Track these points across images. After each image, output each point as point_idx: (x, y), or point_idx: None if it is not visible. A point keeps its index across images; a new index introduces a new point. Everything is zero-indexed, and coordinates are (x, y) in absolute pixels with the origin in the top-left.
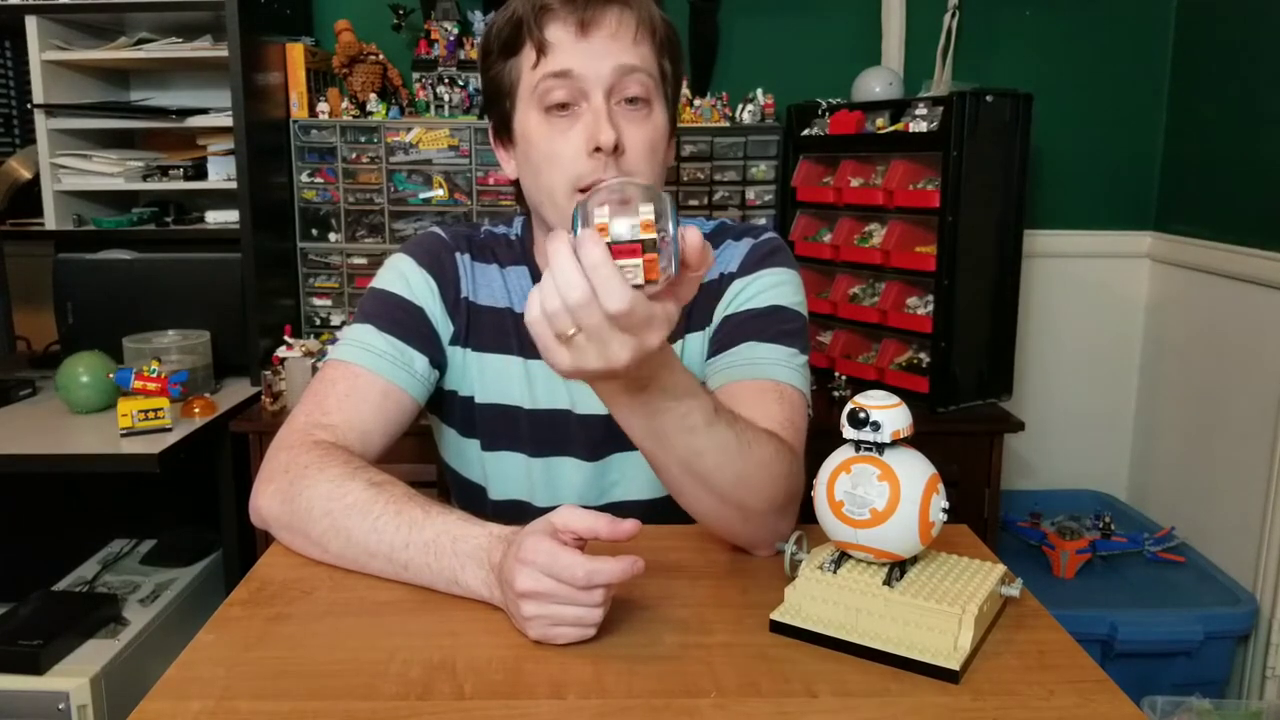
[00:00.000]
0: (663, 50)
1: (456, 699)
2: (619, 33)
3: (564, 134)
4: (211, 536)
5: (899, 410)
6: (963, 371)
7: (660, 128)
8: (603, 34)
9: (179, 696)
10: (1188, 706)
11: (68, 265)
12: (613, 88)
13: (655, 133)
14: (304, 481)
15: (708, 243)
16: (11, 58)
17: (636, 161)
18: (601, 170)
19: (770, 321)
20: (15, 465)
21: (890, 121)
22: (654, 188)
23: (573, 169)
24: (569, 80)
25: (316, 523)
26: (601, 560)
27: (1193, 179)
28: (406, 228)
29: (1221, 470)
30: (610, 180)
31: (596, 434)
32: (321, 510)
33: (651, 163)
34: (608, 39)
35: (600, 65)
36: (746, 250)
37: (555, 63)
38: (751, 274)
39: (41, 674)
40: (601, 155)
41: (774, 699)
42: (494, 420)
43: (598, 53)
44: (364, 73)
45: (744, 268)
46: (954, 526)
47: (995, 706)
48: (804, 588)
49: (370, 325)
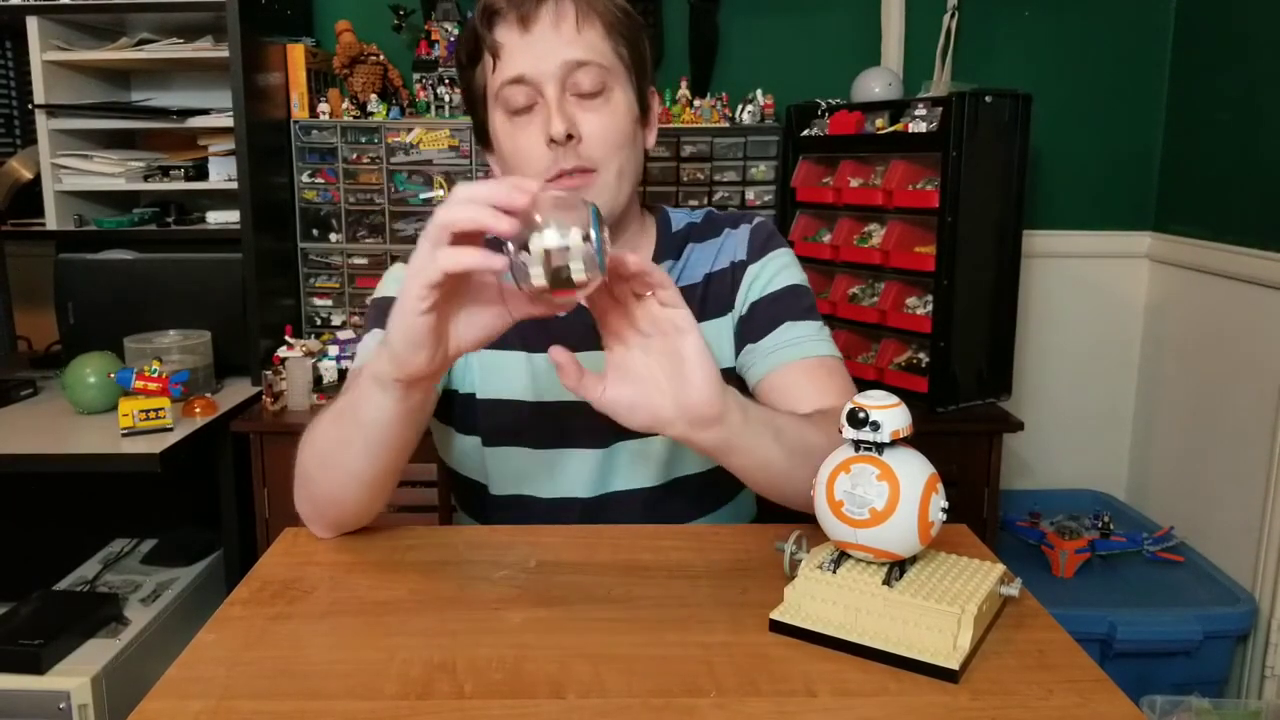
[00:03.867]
0: (614, 33)
1: (456, 698)
2: (559, 25)
3: (525, 130)
4: (212, 536)
5: (898, 410)
6: (962, 371)
7: (622, 111)
8: (544, 27)
9: (180, 696)
10: (1187, 706)
11: (69, 265)
12: (564, 81)
13: (615, 117)
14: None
15: (645, 264)
16: (13, 58)
17: (595, 147)
18: (562, 159)
19: (794, 300)
20: (16, 465)
21: (890, 122)
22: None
23: (538, 163)
24: (523, 84)
25: (308, 459)
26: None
27: (1192, 179)
28: (407, 228)
29: (1220, 470)
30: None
31: (604, 422)
32: (307, 442)
33: (613, 146)
34: (550, 32)
35: (546, 63)
36: (748, 236)
37: (508, 68)
38: (762, 258)
39: (42, 673)
40: (558, 146)
41: (773, 698)
42: (496, 415)
43: (542, 50)
44: (364, 73)
45: (753, 253)
46: (953, 526)
47: (994, 706)
48: (803, 587)
49: (380, 331)
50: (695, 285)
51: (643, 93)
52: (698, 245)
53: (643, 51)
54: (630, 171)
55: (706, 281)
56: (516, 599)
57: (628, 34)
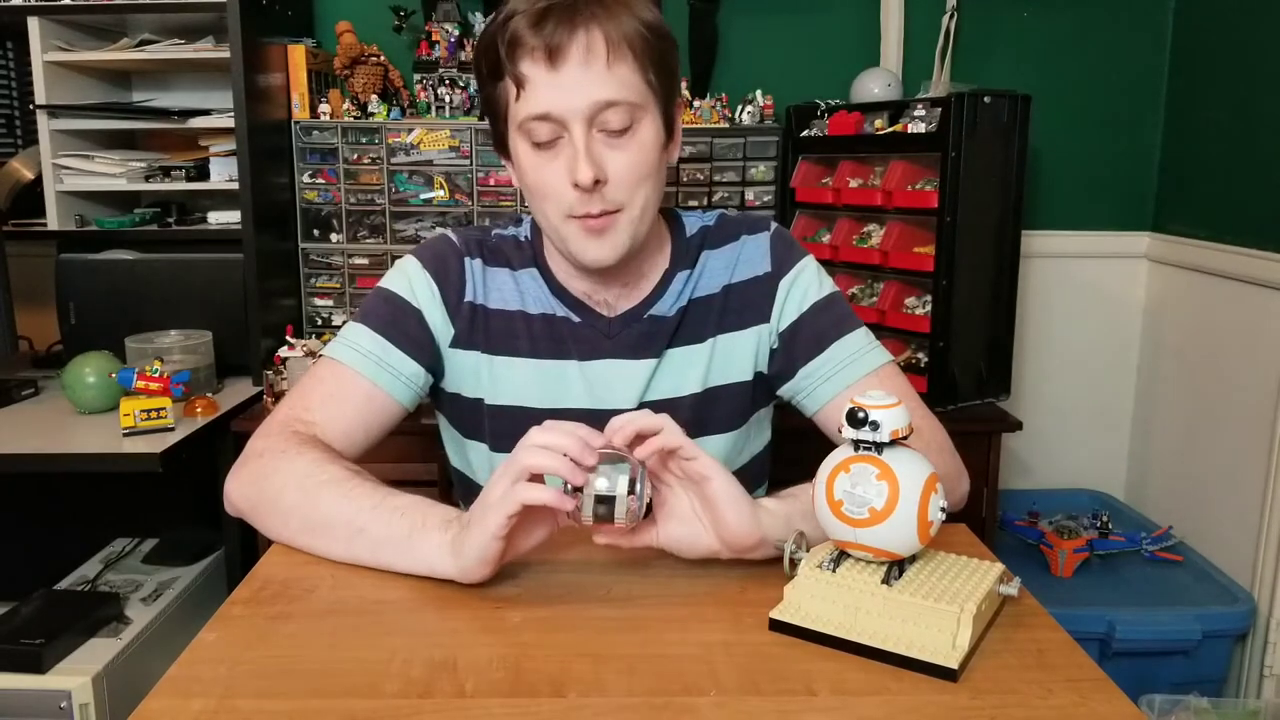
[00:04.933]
0: (646, 62)
1: (458, 697)
2: (589, 61)
3: (550, 166)
4: (213, 536)
5: (898, 410)
6: (961, 371)
7: (649, 145)
8: (573, 64)
9: (181, 695)
10: (1185, 705)
11: (70, 265)
12: (591, 118)
13: (642, 153)
14: (280, 461)
15: (662, 439)
16: (14, 59)
17: (620, 189)
18: (588, 202)
19: (835, 313)
20: (17, 465)
21: (889, 122)
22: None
23: (562, 201)
24: (548, 121)
25: (288, 495)
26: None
27: (1191, 180)
28: (407, 228)
29: (1219, 469)
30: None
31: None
32: (296, 484)
33: (637, 187)
34: (579, 69)
35: (575, 100)
36: (769, 244)
37: (532, 104)
38: (791, 270)
39: (43, 673)
40: (583, 189)
41: (773, 697)
42: (505, 422)
43: (571, 87)
44: (365, 74)
45: (778, 263)
46: (952, 525)
47: (994, 705)
48: (803, 586)
49: (364, 326)
50: (713, 296)
51: (670, 114)
52: (713, 252)
53: (672, 67)
54: (654, 200)
55: (726, 293)
56: (517, 598)
57: (657, 57)
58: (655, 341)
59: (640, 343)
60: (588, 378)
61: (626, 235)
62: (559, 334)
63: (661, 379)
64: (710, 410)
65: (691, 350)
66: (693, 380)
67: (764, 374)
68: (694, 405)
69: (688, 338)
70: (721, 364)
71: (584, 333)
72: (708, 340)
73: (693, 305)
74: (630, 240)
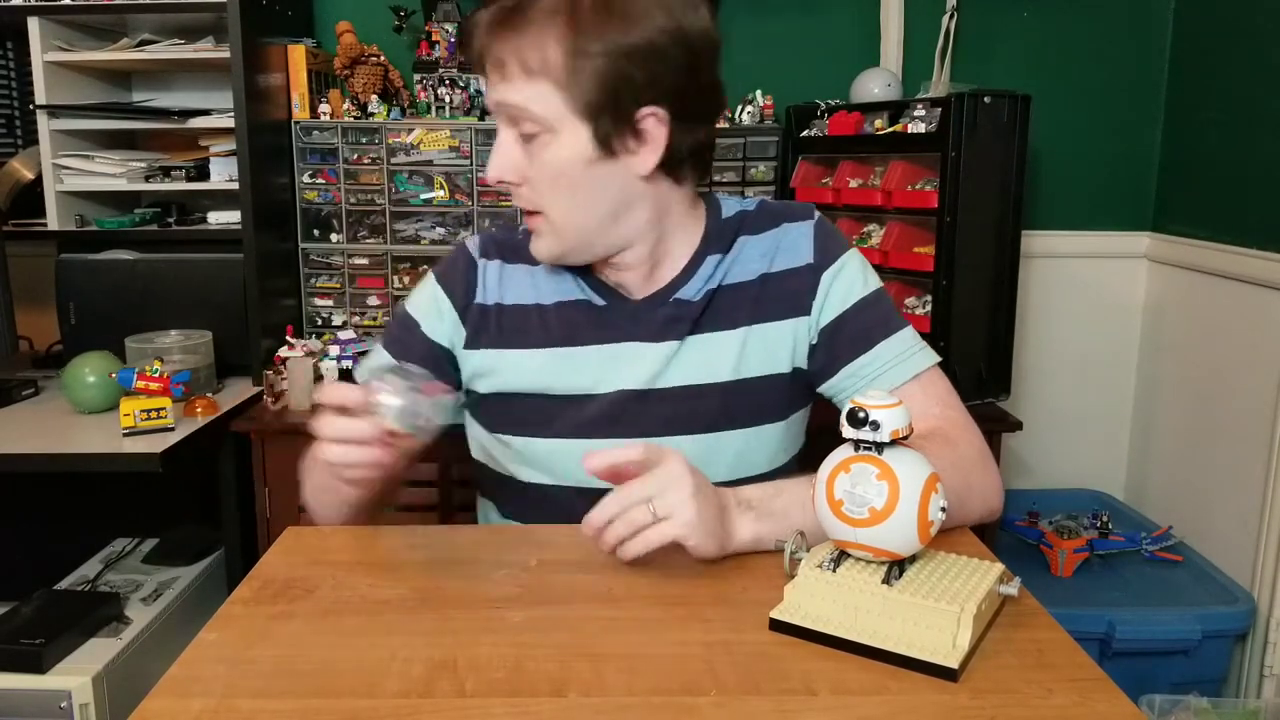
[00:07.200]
0: (565, 74)
1: (458, 696)
2: (504, 67)
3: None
4: (213, 535)
5: (898, 410)
6: (961, 371)
7: (564, 156)
8: (491, 65)
9: (181, 695)
10: (1185, 705)
11: (70, 265)
12: (510, 120)
13: (555, 163)
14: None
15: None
16: (14, 59)
17: (534, 193)
18: (516, 198)
19: (881, 310)
20: (18, 465)
21: (889, 122)
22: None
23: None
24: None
25: (311, 473)
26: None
27: (1190, 180)
28: (407, 228)
29: (1219, 470)
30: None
31: (618, 413)
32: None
33: (552, 196)
34: (495, 71)
35: (491, 100)
36: (813, 235)
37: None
38: (834, 262)
39: (44, 673)
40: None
41: (773, 697)
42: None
43: (491, 86)
44: (365, 74)
45: (822, 255)
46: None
47: (994, 705)
48: (803, 586)
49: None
50: (750, 283)
51: (604, 130)
52: (751, 238)
53: (614, 86)
54: (582, 213)
55: (763, 281)
56: (517, 598)
57: (594, 71)
58: (678, 325)
59: (663, 326)
60: (604, 361)
61: (552, 239)
62: (578, 320)
63: (682, 364)
64: (741, 401)
65: (721, 337)
66: (723, 369)
67: (803, 369)
68: (723, 394)
69: (716, 323)
70: (756, 354)
71: (608, 317)
72: (740, 328)
73: (722, 290)
74: (560, 246)
